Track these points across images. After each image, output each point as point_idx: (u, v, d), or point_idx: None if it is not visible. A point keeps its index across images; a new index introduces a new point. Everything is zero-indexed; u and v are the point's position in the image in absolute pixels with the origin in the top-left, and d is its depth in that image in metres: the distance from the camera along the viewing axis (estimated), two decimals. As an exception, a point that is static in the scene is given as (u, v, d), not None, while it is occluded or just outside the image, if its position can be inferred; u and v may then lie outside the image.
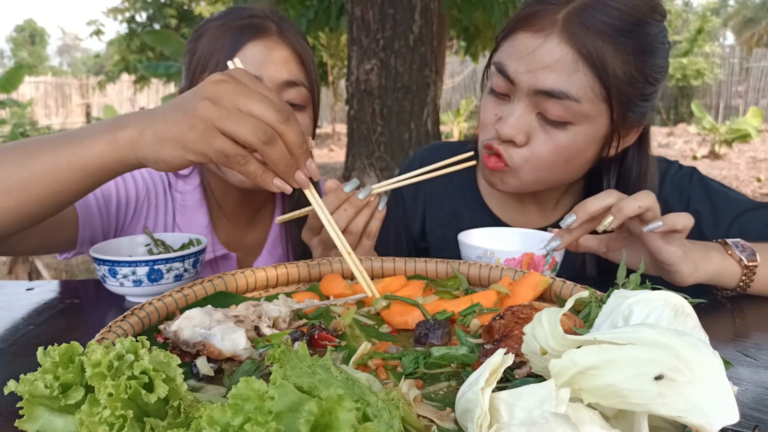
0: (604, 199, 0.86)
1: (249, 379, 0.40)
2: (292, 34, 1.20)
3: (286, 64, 1.17)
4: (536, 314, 0.49)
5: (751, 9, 23.67)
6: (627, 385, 0.41)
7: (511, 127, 1.00)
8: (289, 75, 1.16)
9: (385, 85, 4.13)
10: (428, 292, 0.86)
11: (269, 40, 1.16)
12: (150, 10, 12.40)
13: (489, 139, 1.06)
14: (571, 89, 0.95)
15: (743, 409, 0.43)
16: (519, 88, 0.99)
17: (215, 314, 0.67)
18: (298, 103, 1.19)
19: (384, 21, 4.10)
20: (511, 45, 1.01)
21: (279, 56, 1.16)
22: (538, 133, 1.00)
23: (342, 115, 15.43)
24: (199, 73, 1.17)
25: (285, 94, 1.17)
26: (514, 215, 1.24)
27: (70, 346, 0.48)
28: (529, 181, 1.06)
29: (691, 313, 0.53)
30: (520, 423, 0.43)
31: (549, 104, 0.97)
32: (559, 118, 0.98)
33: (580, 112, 0.97)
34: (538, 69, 0.96)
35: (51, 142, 0.80)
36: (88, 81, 19.86)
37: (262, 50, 1.15)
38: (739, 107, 15.88)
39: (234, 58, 0.88)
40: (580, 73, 0.95)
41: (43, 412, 0.46)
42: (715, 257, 0.93)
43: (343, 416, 0.38)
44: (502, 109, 1.03)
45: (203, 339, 0.63)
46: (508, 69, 1.00)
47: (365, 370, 0.63)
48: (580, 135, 1.00)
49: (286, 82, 1.16)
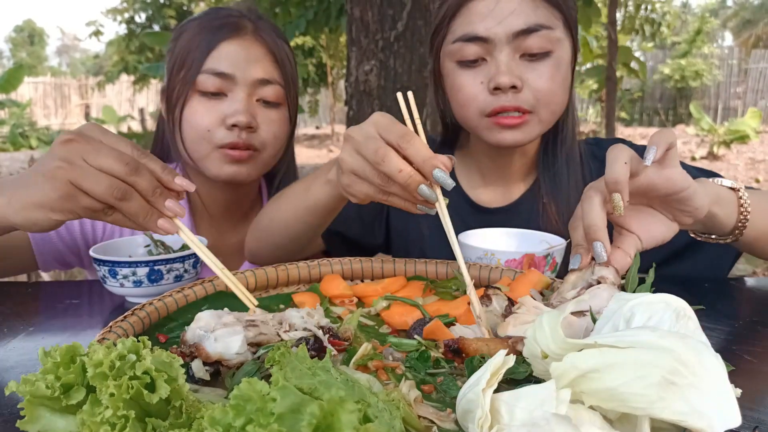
0: (594, 201, 0.75)
1: (251, 380, 0.40)
2: (268, 32, 1.22)
3: (259, 63, 1.18)
4: (537, 318, 0.49)
5: (750, 10, 23.70)
6: (628, 388, 0.41)
7: (508, 74, 1.04)
8: (262, 73, 1.18)
9: (384, 85, 4.13)
10: (428, 293, 0.86)
11: (244, 39, 1.18)
12: (149, 11, 12.39)
13: (486, 106, 1.07)
14: (543, 20, 1.04)
15: (743, 409, 0.43)
16: (497, 41, 1.05)
17: (226, 317, 0.67)
18: (273, 101, 1.20)
19: (383, 22, 4.10)
20: (467, 15, 1.07)
21: (253, 55, 1.18)
22: (529, 72, 1.06)
23: (341, 116, 15.42)
24: (176, 72, 1.18)
25: (259, 92, 1.19)
26: (478, 192, 1.26)
27: (72, 347, 0.48)
28: (546, 119, 1.10)
29: (692, 316, 0.53)
30: (521, 424, 0.43)
31: (530, 40, 1.04)
32: (541, 49, 1.05)
33: (555, 37, 1.06)
34: (508, 17, 1.04)
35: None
36: (87, 81, 19.84)
37: (236, 49, 1.17)
38: (738, 108, 15.90)
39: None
40: (540, 6, 1.05)
41: (45, 412, 0.46)
42: (704, 180, 0.90)
43: (345, 418, 0.38)
44: (483, 73, 1.07)
45: (198, 341, 0.63)
46: (479, 31, 1.05)
47: (365, 371, 0.63)
48: (561, 59, 1.08)
49: (259, 81, 1.18)
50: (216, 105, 1.16)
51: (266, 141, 1.20)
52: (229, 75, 1.16)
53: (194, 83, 1.16)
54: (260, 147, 1.20)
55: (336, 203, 0.97)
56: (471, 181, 1.27)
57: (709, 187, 0.86)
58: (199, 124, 1.16)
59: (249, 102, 1.17)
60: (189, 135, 1.18)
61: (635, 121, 17.35)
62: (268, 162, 1.25)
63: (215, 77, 1.15)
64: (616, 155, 0.74)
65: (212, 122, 1.16)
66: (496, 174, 1.24)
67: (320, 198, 0.97)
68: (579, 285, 0.71)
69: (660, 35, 12.62)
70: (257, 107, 1.19)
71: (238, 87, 1.16)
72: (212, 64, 1.16)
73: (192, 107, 1.17)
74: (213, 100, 1.16)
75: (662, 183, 0.78)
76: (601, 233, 0.73)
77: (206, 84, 1.15)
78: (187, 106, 1.17)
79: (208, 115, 1.16)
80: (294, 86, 1.26)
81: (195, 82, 1.16)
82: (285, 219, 1.07)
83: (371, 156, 0.74)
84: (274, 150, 1.23)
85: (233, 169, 1.18)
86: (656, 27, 10.94)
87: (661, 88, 17.40)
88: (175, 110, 1.19)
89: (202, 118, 1.16)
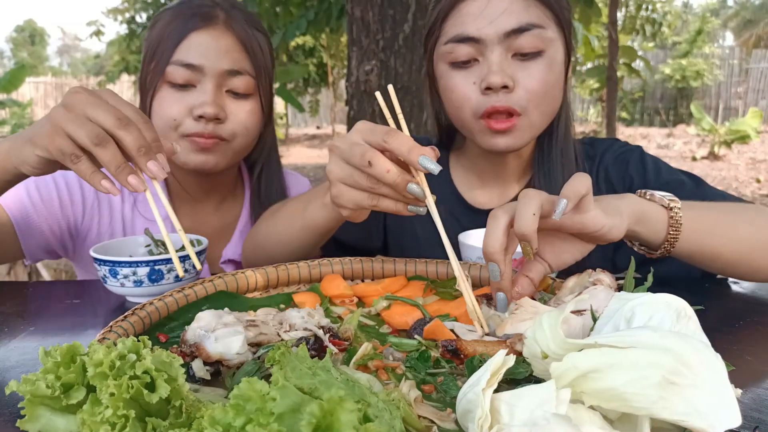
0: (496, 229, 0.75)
1: (251, 379, 0.40)
2: (240, 21, 1.21)
3: (228, 54, 1.17)
4: (537, 318, 0.49)
5: (751, 10, 23.67)
6: (628, 388, 0.41)
7: (499, 74, 1.04)
8: (231, 64, 1.17)
9: (385, 85, 4.12)
10: (428, 293, 0.86)
11: (214, 29, 1.17)
12: (150, 11, 12.39)
13: (478, 107, 1.07)
14: (534, 19, 1.04)
15: (743, 409, 0.43)
16: (489, 41, 1.05)
17: (226, 317, 0.67)
18: (242, 92, 1.20)
19: (384, 22, 4.09)
20: (459, 16, 1.07)
21: (223, 45, 1.17)
22: (521, 72, 1.06)
23: (342, 116, 15.43)
24: (148, 62, 1.18)
25: (228, 82, 1.18)
26: (474, 193, 1.27)
27: (72, 346, 0.48)
28: (537, 121, 1.10)
29: (693, 316, 0.53)
30: (521, 424, 0.43)
31: (522, 40, 1.04)
32: (533, 49, 1.05)
33: (547, 36, 1.06)
34: (499, 17, 1.04)
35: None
36: (88, 81, 19.88)
37: (205, 39, 1.16)
38: (739, 108, 15.90)
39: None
40: (532, 5, 1.05)
41: (45, 412, 0.46)
42: (634, 199, 0.89)
43: (344, 417, 0.38)
44: (475, 74, 1.07)
45: (198, 340, 0.63)
46: (470, 31, 1.05)
47: (366, 371, 0.63)
48: (553, 59, 1.08)
49: (228, 72, 1.17)
50: (184, 96, 1.16)
51: (236, 131, 1.20)
52: (197, 66, 1.15)
53: (164, 74, 1.15)
54: (229, 137, 1.19)
55: (333, 224, 0.98)
56: (467, 183, 1.28)
57: (626, 208, 0.84)
58: (167, 114, 1.16)
59: (217, 93, 1.17)
60: (157, 124, 1.17)
61: (636, 121, 17.35)
62: (239, 152, 1.24)
63: (184, 69, 1.15)
64: (526, 204, 0.73)
65: (179, 113, 1.16)
66: (491, 175, 1.25)
67: (316, 219, 0.97)
68: (577, 291, 0.71)
69: (661, 35, 12.63)
70: (226, 98, 1.19)
71: (206, 78, 1.16)
72: (181, 55, 1.15)
73: (161, 97, 1.17)
74: (181, 91, 1.16)
75: (575, 226, 0.78)
76: (497, 257, 0.74)
77: (175, 75, 1.15)
78: (157, 96, 1.17)
79: (176, 106, 1.16)
80: (267, 76, 1.25)
81: (164, 72, 1.15)
82: (280, 237, 1.07)
83: (358, 161, 0.74)
84: (245, 140, 1.23)
85: (201, 158, 1.18)
86: (657, 27, 10.94)
87: (662, 87, 17.40)
88: (146, 100, 1.19)
89: (169, 108, 1.16)
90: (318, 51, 12.19)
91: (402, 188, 0.73)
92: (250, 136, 1.25)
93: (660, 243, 0.89)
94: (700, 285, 1.06)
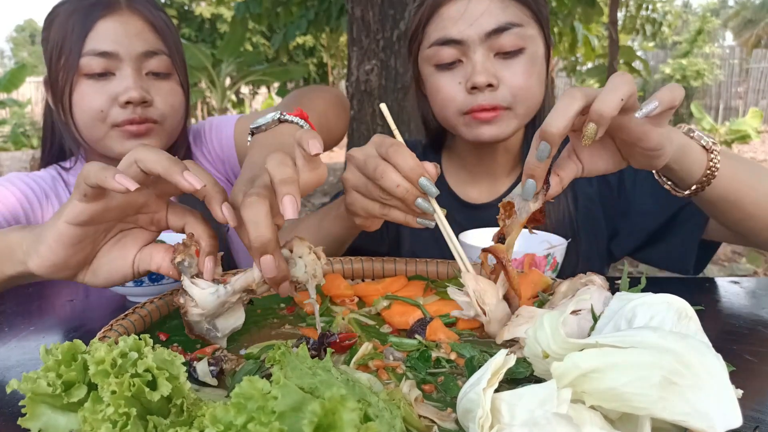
0: (569, 109, 0.67)
1: (252, 378, 0.40)
2: (143, 3, 1.20)
3: (140, 35, 1.17)
4: (538, 318, 0.49)
5: (751, 10, 23.66)
6: (629, 388, 0.41)
7: (483, 73, 1.06)
8: (146, 46, 1.17)
9: (385, 85, 4.13)
10: (429, 293, 0.86)
11: (120, 14, 1.17)
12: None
13: (464, 106, 1.10)
14: (513, 18, 1.07)
15: (744, 410, 0.43)
16: (471, 42, 1.07)
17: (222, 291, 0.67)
18: (162, 71, 1.20)
19: (384, 21, 4.09)
20: (440, 20, 1.10)
21: (133, 28, 1.17)
22: (504, 70, 1.09)
23: (342, 115, 15.37)
24: (56, 60, 1.16)
25: (146, 65, 1.18)
26: (466, 189, 1.29)
27: (73, 344, 0.48)
28: (523, 113, 1.12)
29: (693, 316, 0.53)
30: (522, 423, 0.43)
31: (502, 39, 1.07)
32: (514, 47, 1.08)
33: (527, 34, 1.09)
34: (479, 18, 1.07)
35: None
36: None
37: (114, 26, 1.15)
38: (739, 108, 15.89)
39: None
40: (510, 5, 1.08)
41: (46, 410, 0.46)
42: (680, 133, 0.85)
43: (346, 416, 0.38)
44: (460, 74, 1.10)
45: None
46: (452, 34, 1.08)
47: (366, 370, 0.63)
48: (534, 55, 1.10)
49: (144, 54, 1.17)
50: (105, 85, 1.15)
51: (165, 112, 1.20)
52: (112, 53, 1.14)
53: (78, 67, 1.14)
54: (160, 119, 1.19)
55: (346, 234, 1.02)
56: (458, 179, 1.30)
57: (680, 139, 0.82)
58: (91, 106, 1.15)
59: (138, 77, 1.16)
60: (82, 119, 1.16)
61: (636, 121, 17.29)
62: (171, 133, 1.24)
63: (99, 58, 1.14)
64: (616, 87, 0.66)
65: (104, 103, 1.14)
66: (481, 170, 1.27)
67: (331, 230, 1.02)
68: (570, 294, 0.71)
69: (661, 35, 12.62)
70: (148, 80, 1.18)
71: (124, 64, 1.15)
72: (93, 45, 1.14)
73: (80, 91, 1.15)
74: (101, 80, 1.15)
75: (639, 134, 0.73)
76: (556, 139, 0.68)
77: (91, 66, 1.14)
78: (75, 92, 1.15)
79: (99, 97, 1.14)
80: (180, 54, 1.25)
81: (78, 66, 1.14)
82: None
83: (371, 173, 0.77)
84: (174, 120, 1.23)
85: (135, 145, 1.16)
86: (657, 27, 10.94)
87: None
88: (63, 98, 1.16)
89: (92, 100, 1.15)
90: (318, 51, 12.19)
91: (410, 202, 0.76)
92: (179, 116, 1.24)
93: (692, 183, 0.87)
94: (701, 285, 1.06)
